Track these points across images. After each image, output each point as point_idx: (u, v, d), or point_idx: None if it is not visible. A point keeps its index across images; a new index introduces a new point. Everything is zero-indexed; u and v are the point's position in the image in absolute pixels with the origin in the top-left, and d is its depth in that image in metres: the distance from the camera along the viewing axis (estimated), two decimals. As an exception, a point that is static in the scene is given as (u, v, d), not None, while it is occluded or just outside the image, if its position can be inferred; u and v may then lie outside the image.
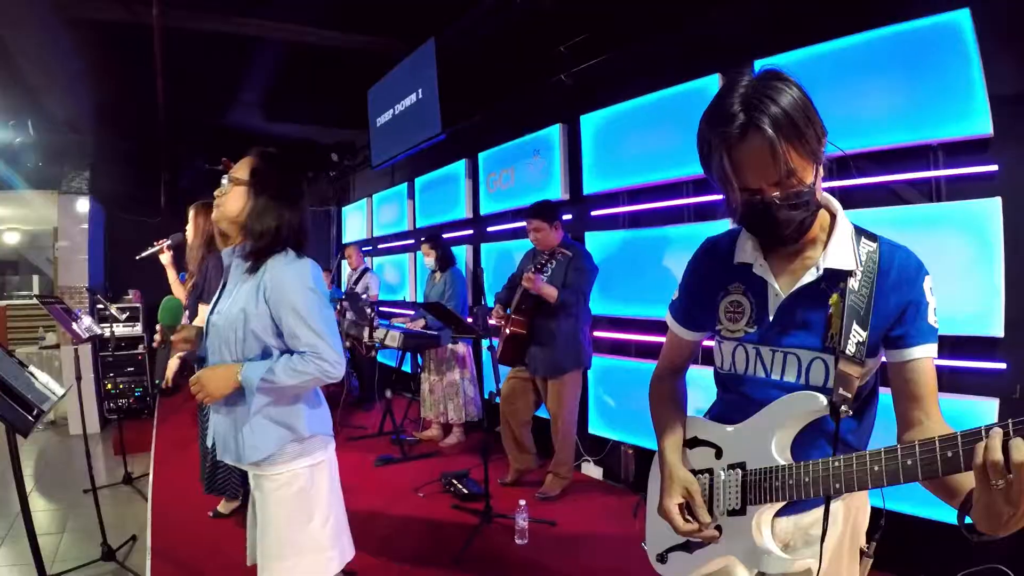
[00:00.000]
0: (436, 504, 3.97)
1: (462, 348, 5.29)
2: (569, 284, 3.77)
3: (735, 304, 1.31)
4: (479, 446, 4.62)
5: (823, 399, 1.16)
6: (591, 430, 4.47)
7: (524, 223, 4.03)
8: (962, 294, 2.52)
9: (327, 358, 1.76)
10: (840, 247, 1.21)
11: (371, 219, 8.37)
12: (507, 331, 3.94)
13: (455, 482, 4.14)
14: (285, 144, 8.41)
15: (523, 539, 3.40)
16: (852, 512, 1.31)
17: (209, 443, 1.99)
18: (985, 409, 2.51)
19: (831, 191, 3.30)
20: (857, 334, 1.16)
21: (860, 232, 1.24)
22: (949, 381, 2.63)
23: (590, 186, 4.42)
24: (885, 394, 1.30)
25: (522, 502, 3.45)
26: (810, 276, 1.22)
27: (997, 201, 2.47)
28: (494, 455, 4.32)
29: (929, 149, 2.69)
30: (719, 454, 1.32)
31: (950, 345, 2.61)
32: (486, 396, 3.95)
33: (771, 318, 1.25)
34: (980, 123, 2.50)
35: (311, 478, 1.85)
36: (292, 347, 1.79)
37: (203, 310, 3.44)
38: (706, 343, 1.45)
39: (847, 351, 1.15)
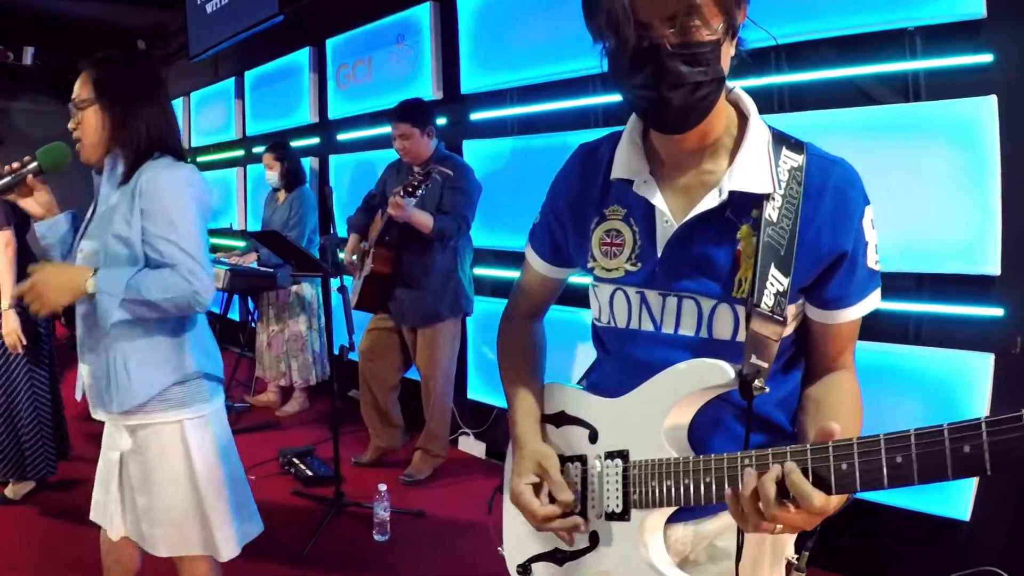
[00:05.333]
0: (272, 489, 3.81)
1: (309, 291, 5.14)
2: (447, 209, 3.65)
3: (613, 233, 1.23)
4: (327, 415, 4.51)
5: (730, 371, 1.07)
6: (471, 395, 4.40)
7: (386, 128, 3.85)
8: (947, 220, 2.45)
9: (200, 279, 1.82)
10: (751, 161, 1.12)
11: (188, 124, 8.13)
12: (367, 269, 3.80)
13: (296, 461, 4.02)
14: (77, 28, 8.03)
15: (383, 534, 3.29)
16: None
17: (78, 395, 2.05)
18: (977, 366, 2.43)
19: (781, 90, 2.96)
20: (776, 282, 1.08)
21: (781, 140, 1.14)
22: (930, 332, 2.59)
23: (470, 82, 4.26)
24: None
25: (382, 487, 3.32)
26: (711, 200, 1.11)
27: (991, 100, 2.36)
28: (346, 427, 4.18)
29: (905, 34, 2.58)
30: (594, 437, 1.24)
31: (931, 286, 2.56)
32: (336, 351, 3.75)
33: (659, 254, 1.16)
34: (970, 1, 2.40)
35: (198, 433, 1.94)
36: (157, 263, 1.86)
37: None
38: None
39: (762, 305, 1.08)
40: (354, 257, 3.95)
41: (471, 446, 4.43)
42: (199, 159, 7.89)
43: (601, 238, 1.24)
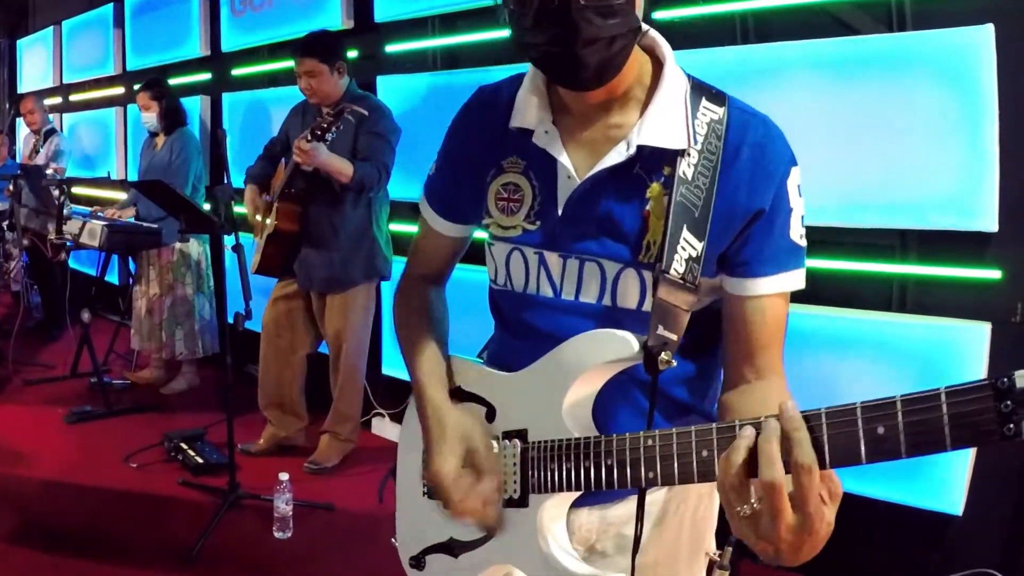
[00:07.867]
0: (156, 478, 3.75)
1: (196, 249, 5.02)
2: (364, 155, 3.55)
3: (511, 188, 1.24)
4: (219, 393, 4.32)
5: (634, 343, 1.08)
6: (386, 370, 4.35)
7: (289, 63, 3.80)
8: (937, 168, 2.42)
9: None
10: (665, 114, 1.12)
11: (60, 58, 8.07)
12: (270, 226, 3.68)
13: (185, 447, 3.94)
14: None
15: (285, 530, 3.24)
16: (691, 503, 1.27)
17: None
18: (971, 337, 2.40)
19: (743, 18, 2.80)
20: (688, 246, 1.10)
21: (700, 90, 1.15)
22: (917, 298, 2.58)
23: (385, 8, 4.19)
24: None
25: (284, 476, 3.25)
26: (617, 155, 1.12)
27: (988, 30, 2.31)
28: (242, 407, 4.05)
29: (888, -50, 2.57)
30: (491, 415, 1.25)
31: (918, 244, 2.56)
32: (230, 319, 3.58)
33: (560, 212, 1.18)
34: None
35: None
36: None
37: None
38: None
39: (671, 272, 1.09)
40: (258, 216, 3.80)
41: (386, 429, 4.37)
42: (72, 98, 7.75)
43: (497, 192, 1.24)
